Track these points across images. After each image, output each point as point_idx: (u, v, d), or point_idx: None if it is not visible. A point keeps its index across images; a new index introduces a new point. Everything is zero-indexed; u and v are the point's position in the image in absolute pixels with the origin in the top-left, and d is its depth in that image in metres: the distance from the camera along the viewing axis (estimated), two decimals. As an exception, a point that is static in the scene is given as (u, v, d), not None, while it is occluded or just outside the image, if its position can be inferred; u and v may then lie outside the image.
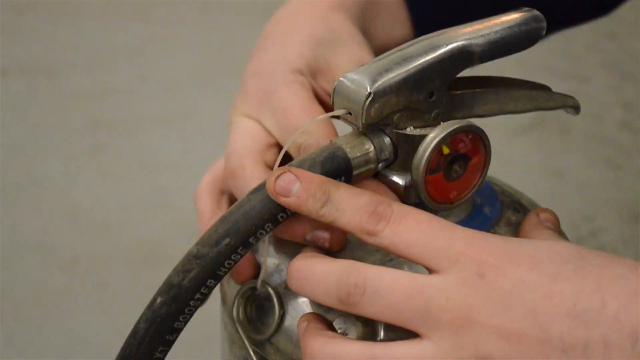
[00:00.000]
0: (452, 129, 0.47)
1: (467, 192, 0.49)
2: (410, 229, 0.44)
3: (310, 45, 0.57)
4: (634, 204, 1.66)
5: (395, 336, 0.44)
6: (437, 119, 0.48)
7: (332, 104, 0.49)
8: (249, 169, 0.53)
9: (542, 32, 0.49)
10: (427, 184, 0.47)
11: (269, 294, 0.50)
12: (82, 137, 1.83)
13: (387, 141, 0.48)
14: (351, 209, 0.44)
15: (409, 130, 0.48)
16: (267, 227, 0.46)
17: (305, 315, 0.48)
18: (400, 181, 0.48)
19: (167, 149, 1.81)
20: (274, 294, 0.50)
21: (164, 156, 1.79)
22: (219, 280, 0.46)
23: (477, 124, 0.48)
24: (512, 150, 1.79)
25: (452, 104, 0.49)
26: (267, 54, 0.57)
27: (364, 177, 0.48)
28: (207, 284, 0.46)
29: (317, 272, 0.45)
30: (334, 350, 0.44)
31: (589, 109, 1.87)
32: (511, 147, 1.80)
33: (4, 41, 2.16)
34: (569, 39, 1.98)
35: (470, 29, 0.48)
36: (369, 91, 0.46)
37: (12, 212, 1.61)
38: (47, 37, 2.21)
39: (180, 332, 0.47)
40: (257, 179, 0.52)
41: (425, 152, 0.47)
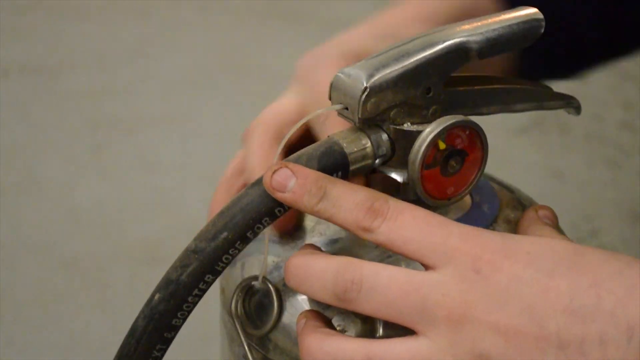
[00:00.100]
0: (448, 124, 0.47)
1: (464, 189, 0.49)
2: (406, 225, 0.44)
3: (373, 36, 0.57)
4: (634, 204, 1.66)
5: (394, 333, 0.44)
6: (435, 115, 0.48)
7: (330, 99, 0.49)
8: (256, 137, 0.54)
9: (541, 30, 0.49)
10: (423, 179, 0.47)
11: (268, 290, 0.50)
12: (82, 137, 1.83)
13: (385, 137, 0.48)
14: (348, 205, 0.44)
15: (406, 126, 0.48)
16: (265, 221, 0.46)
17: (303, 312, 0.48)
18: (398, 177, 0.48)
19: (167, 149, 1.81)
20: (273, 290, 0.50)
21: (164, 156, 1.79)
22: (217, 275, 0.46)
23: (474, 121, 0.48)
24: (512, 150, 1.79)
25: (451, 101, 0.49)
26: (334, 38, 0.58)
27: (361, 173, 0.48)
28: (205, 279, 0.46)
29: (314, 268, 0.45)
30: (331, 347, 0.44)
31: (589, 109, 1.86)
32: (511, 147, 1.80)
33: (4, 41, 2.16)
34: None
35: (468, 26, 0.48)
36: (365, 86, 0.46)
37: (12, 212, 1.61)
38: (47, 37, 2.21)
39: (178, 329, 0.47)
40: (257, 149, 0.53)
41: (421, 146, 0.47)
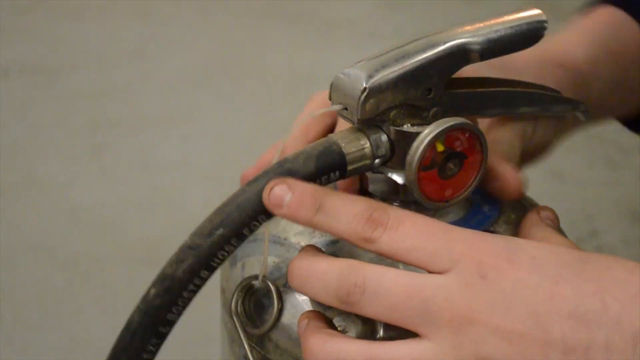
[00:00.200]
0: (446, 126, 0.47)
1: (463, 191, 0.49)
2: (408, 234, 0.43)
3: None
4: (634, 204, 1.66)
5: (394, 335, 0.44)
6: (436, 117, 0.48)
7: (330, 99, 0.49)
8: (306, 112, 0.56)
9: (544, 31, 0.49)
10: (420, 180, 0.47)
11: (268, 289, 0.50)
12: (82, 137, 1.83)
13: (384, 137, 0.47)
14: (346, 216, 0.44)
15: (406, 127, 0.48)
16: (261, 218, 0.46)
17: (305, 313, 0.47)
18: (397, 178, 0.48)
19: (167, 149, 1.81)
20: (273, 289, 0.50)
21: (164, 156, 1.79)
22: (213, 271, 0.46)
23: (474, 124, 0.48)
24: (512, 150, 1.79)
25: (453, 103, 0.49)
26: None
27: (360, 173, 0.48)
28: (201, 275, 0.46)
29: (317, 270, 0.45)
30: (334, 348, 0.44)
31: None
32: (511, 147, 1.80)
33: (4, 41, 2.16)
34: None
35: (470, 27, 0.48)
36: (365, 86, 0.46)
37: (12, 212, 1.61)
38: (47, 37, 2.21)
39: (173, 325, 0.47)
40: (300, 127, 0.55)
41: (418, 148, 0.47)
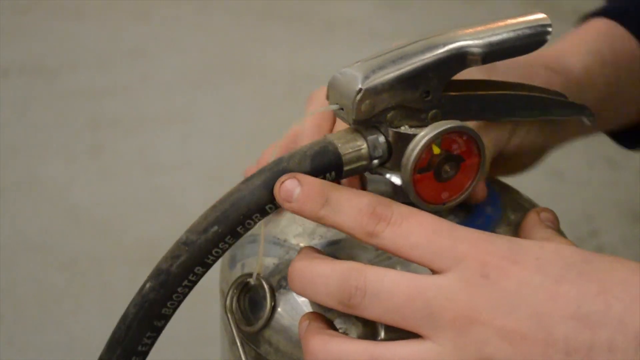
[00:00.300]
0: (442, 128, 0.46)
1: (460, 194, 0.49)
2: (412, 230, 0.43)
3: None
4: (634, 204, 1.66)
5: (396, 336, 0.44)
6: (435, 119, 0.48)
7: (327, 99, 0.49)
8: (315, 104, 0.56)
9: (547, 36, 0.48)
10: (416, 182, 0.47)
11: (262, 287, 0.50)
12: (82, 137, 1.83)
13: (382, 139, 0.47)
14: (351, 210, 0.44)
15: (404, 128, 0.47)
16: (255, 217, 0.46)
17: (306, 314, 0.47)
18: (395, 180, 0.48)
19: (167, 149, 1.80)
20: (266, 287, 0.50)
21: (164, 156, 1.79)
22: (207, 268, 0.46)
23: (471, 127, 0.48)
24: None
25: (453, 105, 0.48)
26: None
27: (356, 174, 0.48)
28: (195, 271, 0.46)
29: (318, 273, 0.45)
30: (335, 349, 0.44)
31: (589, 109, 1.86)
32: (511, 147, 1.80)
33: (4, 41, 2.16)
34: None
35: (471, 29, 0.48)
36: (360, 87, 0.46)
37: (12, 212, 1.61)
38: (47, 37, 2.21)
39: (168, 319, 0.47)
40: (312, 117, 0.55)
41: (414, 150, 0.46)
